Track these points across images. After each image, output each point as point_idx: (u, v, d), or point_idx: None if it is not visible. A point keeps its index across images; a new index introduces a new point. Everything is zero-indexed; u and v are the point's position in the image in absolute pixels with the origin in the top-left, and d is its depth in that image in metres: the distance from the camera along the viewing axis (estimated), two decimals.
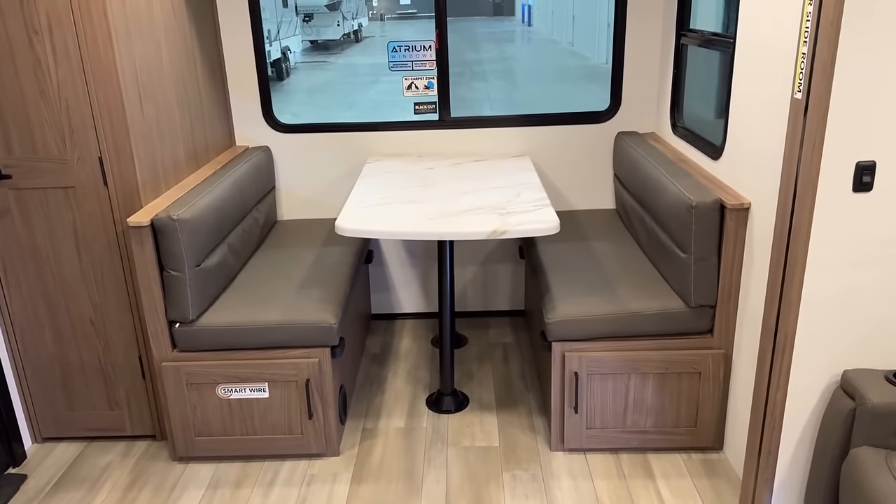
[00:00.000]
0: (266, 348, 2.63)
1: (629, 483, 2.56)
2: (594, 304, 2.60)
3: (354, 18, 20.33)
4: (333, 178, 3.58)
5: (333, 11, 18.50)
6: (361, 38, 20.91)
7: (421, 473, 2.65)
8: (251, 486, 2.62)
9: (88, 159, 2.51)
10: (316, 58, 17.46)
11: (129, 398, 2.82)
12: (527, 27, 25.70)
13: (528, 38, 22.45)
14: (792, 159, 1.91)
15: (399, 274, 3.76)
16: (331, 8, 18.45)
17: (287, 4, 16.70)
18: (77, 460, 2.79)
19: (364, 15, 21.67)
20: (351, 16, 19.93)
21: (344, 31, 19.11)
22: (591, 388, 2.64)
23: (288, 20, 16.30)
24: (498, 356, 3.46)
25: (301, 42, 18.30)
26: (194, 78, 3.04)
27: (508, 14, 29.43)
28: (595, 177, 3.56)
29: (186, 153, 2.94)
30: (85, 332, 2.73)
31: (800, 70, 1.85)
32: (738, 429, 2.56)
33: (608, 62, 14.85)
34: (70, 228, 2.59)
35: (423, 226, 2.49)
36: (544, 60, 16.76)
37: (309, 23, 18.37)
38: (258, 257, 3.13)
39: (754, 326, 2.41)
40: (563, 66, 15.50)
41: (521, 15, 28.17)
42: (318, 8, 18.12)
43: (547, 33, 22.70)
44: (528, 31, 24.63)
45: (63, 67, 2.41)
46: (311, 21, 18.38)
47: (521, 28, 25.56)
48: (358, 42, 20.25)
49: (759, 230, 2.33)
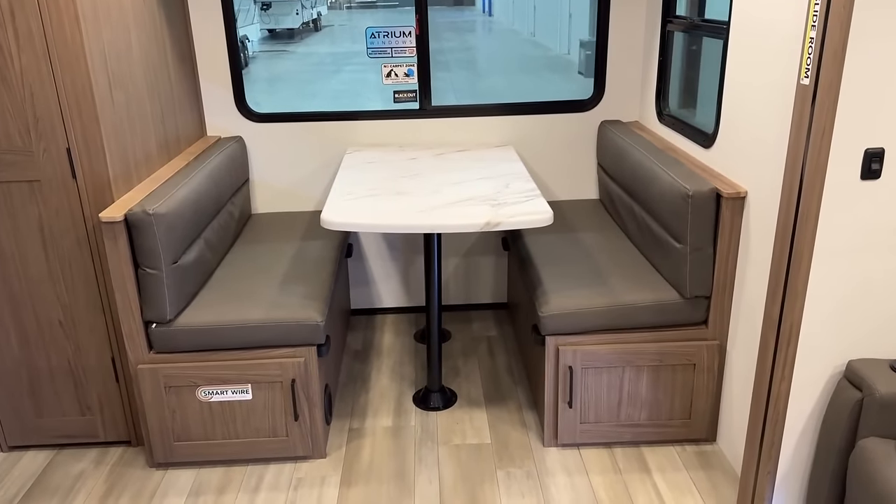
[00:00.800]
0: (249, 348, 2.51)
1: (625, 477, 2.52)
2: (588, 297, 2.54)
3: (314, 7, 20.01)
4: (310, 170, 3.45)
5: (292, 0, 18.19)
6: (321, 27, 20.61)
7: (412, 473, 2.57)
8: (235, 492, 2.50)
9: (55, 151, 2.35)
10: (274, 47, 17.13)
11: (101, 403, 2.67)
12: (487, 17, 25.62)
13: (489, 29, 22.38)
14: (798, 146, 1.87)
15: (379, 267, 3.66)
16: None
17: None
18: (47, 469, 2.64)
19: (323, 3, 21.35)
20: (310, 4, 19.62)
21: (303, 19, 18.81)
22: (586, 382, 2.58)
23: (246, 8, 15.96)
24: (483, 350, 3.39)
25: (259, 31, 17.94)
26: (164, 64, 2.89)
27: (469, 4, 29.29)
28: (578, 166, 3.51)
29: (158, 144, 2.79)
30: (53, 335, 2.57)
31: (807, 55, 1.81)
32: (733, 420, 2.54)
33: (570, 53, 14.97)
34: (36, 225, 2.44)
35: (414, 218, 2.40)
36: (506, 51, 16.72)
37: (267, 11, 18.04)
38: (235, 253, 3.00)
39: (750, 317, 2.38)
40: (525, 56, 15.48)
41: (481, 5, 28.07)
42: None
43: (508, 23, 22.66)
44: (488, 21, 24.56)
45: (26, 52, 2.25)
46: (270, 10, 18.05)
47: (481, 18, 25.47)
48: (317, 31, 19.95)
49: (755, 219, 2.30)
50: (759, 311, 2.32)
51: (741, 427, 2.48)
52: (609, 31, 3.29)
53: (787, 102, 2.08)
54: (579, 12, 14.75)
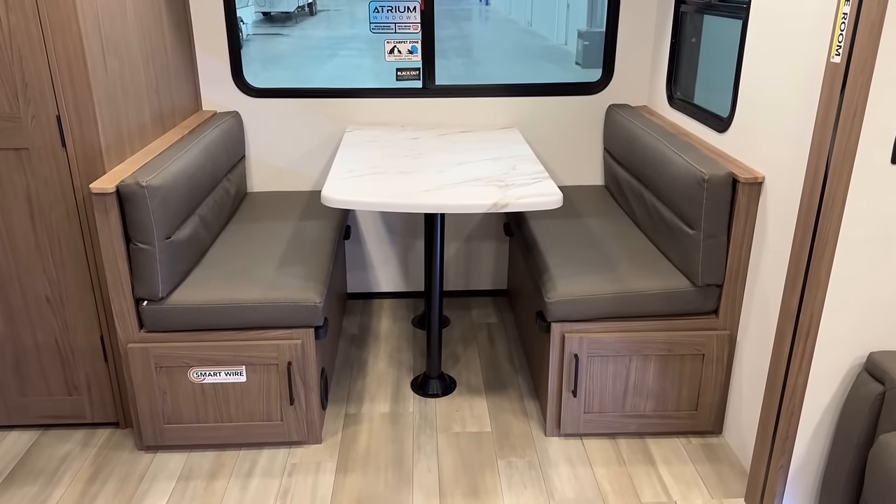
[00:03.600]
0: (244, 329, 2.41)
1: (630, 469, 2.45)
2: (596, 283, 2.46)
3: None
4: (308, 148, 3.35)
5: None
6: (316, 11, 20.39)
7: (411, 461, 2.49)
8: (227, 478, 2.41)
9: (45, 117, 2.24)
10: (269, 30, 16.93)
11: (89, 382, 2.57)
12: (484, 6, 25.41)
13: (485, 17, 22.20)
14: (825, 128, 1.79)
15: (377, 251, 3.56)
16: None
17: None
18: (31, 450, 2.54)
19: None
20: None
21: (298, 3, 18.60)
22: (591, 371, 2.51)
23: None
24: (483, 337, 3.31)
25: (254, 13, 17.72)
26: (160, 32, 2.78)
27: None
28: (583, 151, 3.42)
29: (152, 115, 2.68)
30: (40, 311, 2.47)
31: (839, 31, 1.73)
32: (741, 413, 2.47)
33: (567, 43, 14.86)
34: (23, 195, 2.33)
35: (419, 197, 2.30)
36: (503, 40, 16.59)
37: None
38: (230, 231, 2.90)
39: (763, 307, 2.30)
40: (522, 45, 15.36)
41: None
42: None
43: (505, 13, 22.49)
44: (485, 9, 24.35)
45: (15, 12, 2.13)
46: None
47: (478, 6, 25.25)
48: (312, 15, 19.74)
49: (773, 206, 2.22)
50: (772, 302, 2.24)
51: (749, 420, 2.41)
52: (620, 11, 3.20)
53: (811, 83, 2.00)
54: (577, 2, 14.64)
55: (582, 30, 12.97)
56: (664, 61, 3.12)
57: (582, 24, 13.98)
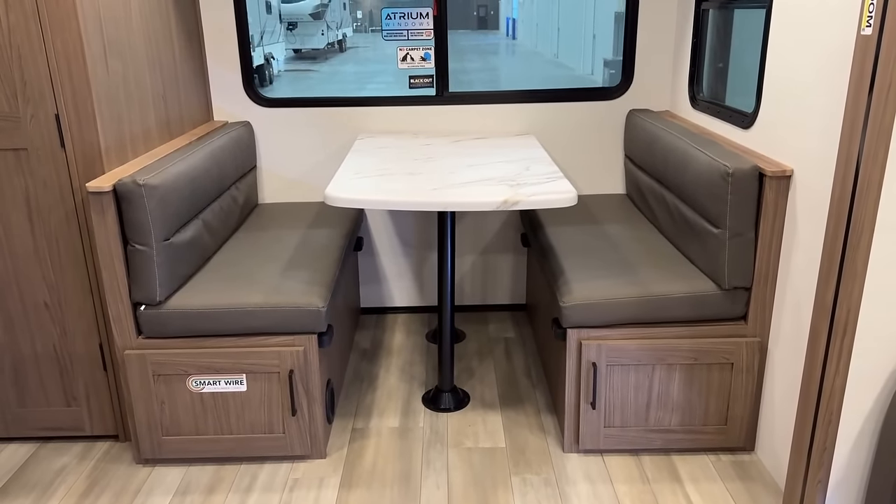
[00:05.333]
0: (244, 335, 2.32)
1: (654, 487, 2.28)
2: (614, 287, 2.32)
3: (339, 28, 20.14)
4: (320, 158, 3.28)
5: (318, 20, 18.31)
6: (346, 48, 20.72)
7: (419, 477, 2.34)
8: (225, 492, 2.29)
9: (44, 117, 2.20)
10: (299, 66, 17.24)
11: (88, 393, 2.49)
12: (511, 40, 25.63)
13: (512, 51, 22.37)
14: (857, 107, 1.65)
15: (391, 263, 3.46)
16: (315, 17, 18.28)
17: (271, 11, 16.45)
18: (27, 463, 2.45)
19: (348, 25, 21.49)
20: (335, 25, 19.74)
21: (328, 40, 18.91)
22: (611, 381, 2.35)
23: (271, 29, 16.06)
24: (500, 352, 3.16)
25: (285, 50, 18.05)
26: (168, 39, 2.75)
27: (493, 28, 29.38)
28: (604, 159, 3.30)
29: (158, 121, 2.64)
30: (39, 318, 2.40)
31: (869, 1, 1.60)
32: (774, 427, 2.29)
33: (593, 73, 14.84)
34: (22, 197, 2.28)
35: (425, 195, 2.20)
36: (530, 71, 16.66)
37: (293, 31, 18.16)
38: (237, 239, 2.82)
39: (796, 311, 2.14)
40: (549, 76, 15.40)
41: (505, 28, 28.13)
42: (302, 16, 17.96)
43: (532, 46, 22.63)
44: (512, 43, 24.57)
45: (14, 10, 2.10)
46: (296, 29, 18.17)
47: (505, 41, 25.49)
48: (342, 52, 20.06)
49: (802, 200, 2.07)
50: (806, 305, 2.08)
51: (784, 435, 2.23)
52: (639, 11, 3.10)
53: (839, 66, 1.87)
54: (603, 33, 14.65)
55: (608, 59, 12.94)
56: (685, 62, 3.00)
57: (608, 53, 13.95)
